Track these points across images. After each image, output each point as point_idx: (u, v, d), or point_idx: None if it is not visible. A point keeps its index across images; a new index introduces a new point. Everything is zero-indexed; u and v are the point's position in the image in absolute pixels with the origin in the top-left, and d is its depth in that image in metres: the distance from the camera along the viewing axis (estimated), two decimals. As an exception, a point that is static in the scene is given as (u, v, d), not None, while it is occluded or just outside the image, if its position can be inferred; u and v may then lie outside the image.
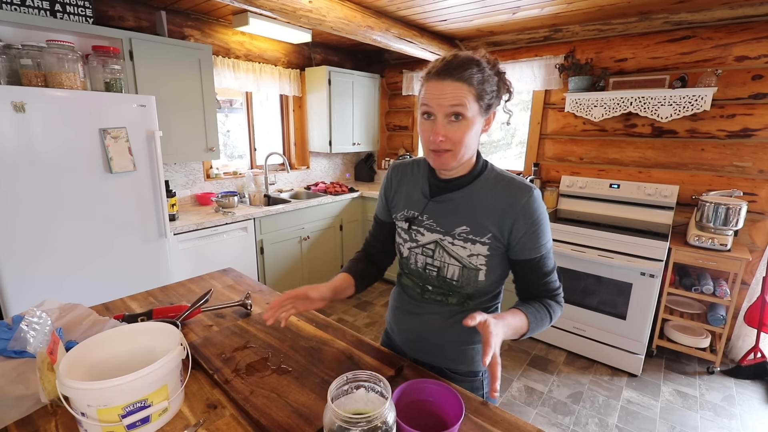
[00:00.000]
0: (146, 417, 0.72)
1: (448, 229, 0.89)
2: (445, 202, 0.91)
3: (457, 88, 0.78)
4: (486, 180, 0.89)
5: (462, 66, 0.79)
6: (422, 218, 0.93)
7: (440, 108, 0.79)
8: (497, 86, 0.84)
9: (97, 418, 0.68)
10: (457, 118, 0.80)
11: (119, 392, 0.68)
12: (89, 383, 0.67)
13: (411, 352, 1.03)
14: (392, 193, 1.02)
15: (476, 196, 0.88)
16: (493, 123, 0.90)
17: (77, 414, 0.69)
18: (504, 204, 0.85)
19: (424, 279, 0.95)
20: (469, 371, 0.97)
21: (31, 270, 1.75)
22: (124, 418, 0.69)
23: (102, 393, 0.67)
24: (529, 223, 0.84)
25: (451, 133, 0.81)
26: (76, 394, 0.67)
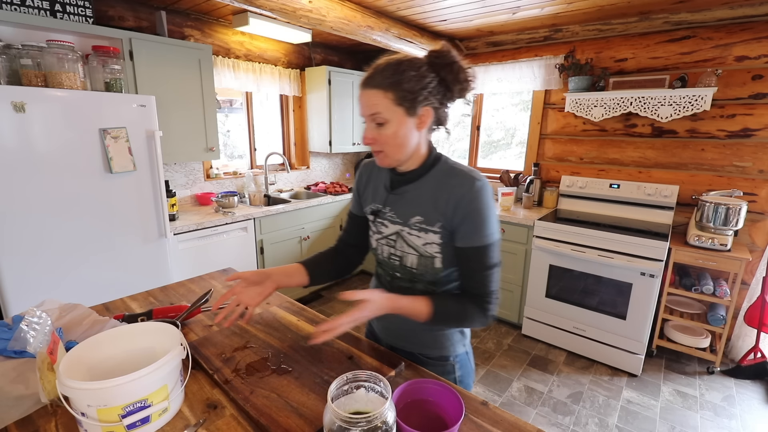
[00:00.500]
0: (146, 417, 0.72)
1: (405, 219, 0.94)
2: (402, 194, 0.95)
3: (373, 96, 0.84)
4: (437, 172, 0.92)
5: (379, 74, 0.84)
6: (385, 210, 0.98)
7: (364, 115, 0.87)
8: (432, 85, 0.85)
9: (97, 418, 0.68)
10: (379, 124, 0.85)
11: (119, 392, 0.68)
12: (89, 383, 0.67)
13: (386, 338, 1.07)
14: (363, 188, 1.07)
15: (427, 188, 0.92)
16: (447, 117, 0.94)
17: (77, 414, 0.69)
18: (449, 193, 0.88)
19: (391, 268, 1.00)
20: (440, 356, 1.01)
21: (31, 270, 1.75)
22: (124, 418, 0.69)
23: (102, 393, 0.67)
24: (467, 211, 0.86)
25: (378, 136, 0.87)
26: (76, 394, 0.67)
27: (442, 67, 0.86)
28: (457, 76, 0.87)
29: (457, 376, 1.03)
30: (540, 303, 2.68)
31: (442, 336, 1.00)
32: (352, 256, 1.15)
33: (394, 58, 0.86)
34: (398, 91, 0.83)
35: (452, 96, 0.90)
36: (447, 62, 0.86)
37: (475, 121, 3.59)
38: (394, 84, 0.83)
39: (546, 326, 2.69)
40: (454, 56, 0.87)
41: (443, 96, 0.88)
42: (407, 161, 0.92)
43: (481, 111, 3.55)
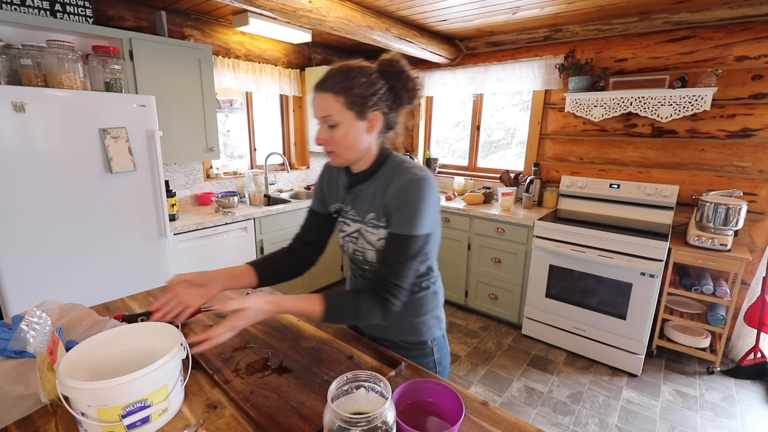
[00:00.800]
0: (146, 417, 0.71)
1: (363, 217, 0.99)
2: (358, 194, 1.00)
3: (325, 99, 0.89)
4: (385, 170, 0.96)
5: (331, 78, 0.88)
6: (347, 209, 1.03)
7: (317, 117, 0.92)
8: (382, 91, 0.90)
9: (97, 418, 0.68)
10: (331, 126, 0.90)
11: (119, 392, 0.68)
12: (89, 383, 0.67)
13: (368, 330, 1.12)
14: (325, 187, 1.11)
15: (377, 185, 0.96)
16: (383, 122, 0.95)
17: (77, 414, 0.69)
18: (389, 187, 0.92)
19: (359, 263, 1.05)
20: (418, 341, 1.06)
21: (31, 270, 1.75)
22: (124, 418, 0.69)
23: (102, 393, 0.67)
24: (400, 201, 0.89)
25: (330, 138, 0.91)
26: (76, 394, 0.67)
27: (392, 75, 0.90)
28: (405, 85, 0.91)
29: (436, 358, 1.09)
30: (540, 303, 2.68)
31: (419, 323, 1.05)
32: (305, 255, 1.15)
33: (346, 64, 0.90)
34: (349, 95, 0.87)
35: (401, 102, 0.94)
36: (396, 71, 0.90)
37: (475, 121, 3.59)
38: (345, 89, 0.87)
39: (546, 326, 2.69)
40: (404, 65, 0.91)
41: (392, 102, 0.93)
42: (359, 162, 0.97)
43: (481, 111, 3.55)
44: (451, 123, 3.86)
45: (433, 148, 4.00)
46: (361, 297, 0.89)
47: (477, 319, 3.08)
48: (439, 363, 1.09)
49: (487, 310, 3.04)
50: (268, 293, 0.86)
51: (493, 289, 2.96)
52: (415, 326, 1.05)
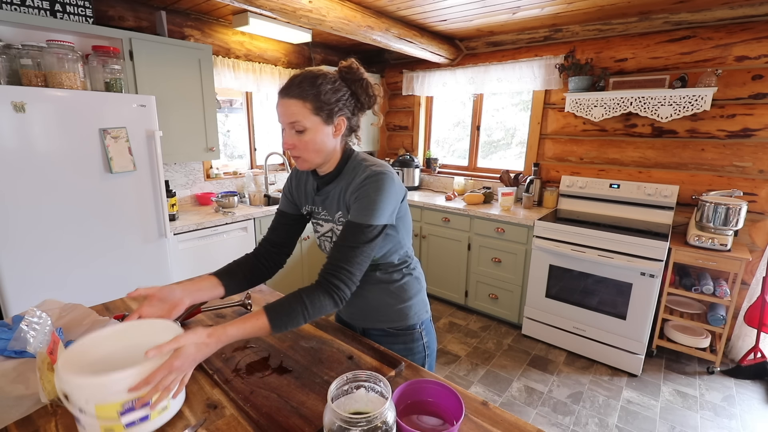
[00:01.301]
0: (146, 415, 0.70)
1: (333, 217, 1.03)
2: (326, 195, 1.04)
3: (292, 105, 0.90)
4: (348, 169, 1.00)
5: (298, 85, 0.90)
6: (319, 210, 1.07)
7: (284, 123, 0.93)
8: (345, 96, 0.94)
9: (95, 414, 0.66)
10: (299, 131, 0.92)
11: (118, 388, 0.66)
12: (86, 378, 0.65)
13: (359, 323, 1.15)
14: (294, 190, 1.14)
15: (342, 185, 0.99)
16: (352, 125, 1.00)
17: (75, 411, 0.67)
18: (352, 183, 0.96)
19: None
20: (407, 326, 1.11)
21: (31, 270, 1.75)
22: (123, 415, 0.67)
23: (100, 388, 0.65)
24: (359, 193, 0.92)
25: (297, 143, 0.93)
26: (74, 389, 0.66)
27: (353, 82, 0.95)
28: (366, 91, 0.96)
29: (425, 342, 1.14)
30: (540, 303, 2.68)
31: (407, 308, 1.10)
32: (273, 257, 1.13)
33: (311, 71, 0.93)
34: (316, 101, 0.90)
35: (362, 107, 0.99)
36: (356, 78, 0.95)
37: (475, 121, 3.60)
38: (314, 95, 0.90)
39: (546, 326, 2.69)
40: (362, 73, 0.96)
41: (354, 107, 0.98)
42: (325, 165, 1.00)
43: (481, 111, 3.55)
44: (451, 123, 3.86)
45: (433, 148, 4.00)
46: (305, 293, 0.86)
47: (477, 319, 3.08)
48: (427, 347, 1.14)
49: (487, 310, 3.04)
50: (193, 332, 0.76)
51: (493, 289, 2.96)
52: (403, 312, 1.10)
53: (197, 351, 0.73)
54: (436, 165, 3.86)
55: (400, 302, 1.09)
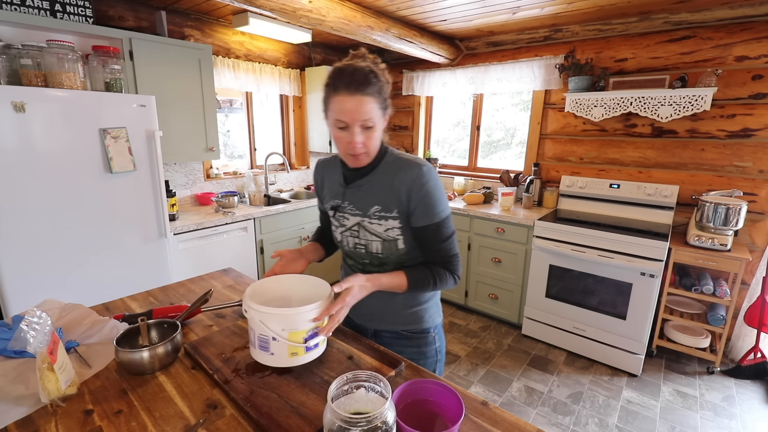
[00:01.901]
0: (317, 343, 0.88)
1: (365, 210, 1.02)
2: (358, 188, 1.03)
3: (366, 102, 0.89)
4: (386, 164, 1.01)
5: (366, 81, 0.90)
6: (344, 204, 1.06)
7: (355, 121, 0.90)
8: (387, 87, 0.96)
9: (287, 339, 0.83)
10: (368, 127, 0.92)
11: (306, 318, 0.83)
12: (285, 309, 0.82)
13: (370, 324, 1.14)
14: (320, 187, 1.16)
15: (379, 179, 1.00)
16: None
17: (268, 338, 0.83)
18: (399, 181, 0.97)
19: (359, 257, 1.08)
20: (422, 329, 1.11)
21: (31, 270, 1.75)
22: (307, 341, 0.85)
23: (295, 318, 0.82)
24: (420, 195, 0.96)
25: (366, 140, 0.93)
26: (272, 319, 0.82)
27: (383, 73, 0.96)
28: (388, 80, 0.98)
29: (437, 347, 1.14)
30: (540, 303, 2.68)
31: (422, 311, 1.10)
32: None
33: (367, 66, 0.93)
34: (380, 97, 0.93)
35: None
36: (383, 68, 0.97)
37: (475, 121, 3.59)
38: (379, 90, 0.92)
39: (546, 326, 2.69)
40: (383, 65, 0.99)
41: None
42: None
43: (481, 111, 3.55)
44: (451, 123, 3.86)
45: (433, 148, 4.00)
46: (433, 268, 1.00)
47: (477, 319, 3.08)
48: (438, 351, 1.14)
49: (487, 310, 3.04)
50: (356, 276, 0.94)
51: (493, 289, 2.96)
52: (418, 314, 1.10)
53: (360, 291, 0.91)
54: (436, 165, 3.86)
55: (416, 304, 1.09)
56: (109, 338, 1.02)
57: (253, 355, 0.89)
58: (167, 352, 0.91)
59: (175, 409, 0.79)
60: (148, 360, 0.88)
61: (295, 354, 0.86)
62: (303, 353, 0.86)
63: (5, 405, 0.78)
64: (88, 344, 1.01)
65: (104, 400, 0.81)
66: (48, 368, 0.77)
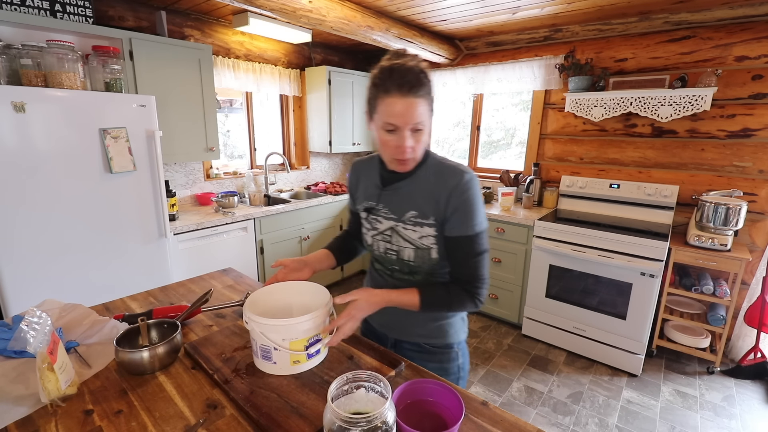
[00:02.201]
0: (318, 349, 0.90)
1: (400, 215, 0.98)
2: (395, 191, 0.99)
3: (419, 104, 0.85)
4: (428, 168, 0.96)
5: (418, 82, 0.85)
6: (378, 207, 1.02)
7: (406, 124, 0.85)
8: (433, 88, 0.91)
9: (288, 348, 0.84)
10: (417, 130, 0.88)
11: (305, 328, 0.85)
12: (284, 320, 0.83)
13: (390, 333, 1.10)
14: (354, 187, 1.13)
15: (419, 183, 0.96)
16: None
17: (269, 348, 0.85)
18: (440, 187, 0.93)
19: (389, 262, 1.04)
20: (445, 344, 1.06)
21: (30, 270, 1.75)
22: (308, 348, 0.87)
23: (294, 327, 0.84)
24: (458, 203, 0.91)
25: (414, 144, 0.89)
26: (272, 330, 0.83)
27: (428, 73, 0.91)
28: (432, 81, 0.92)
29: (460, 363, 1.08)
30: (540, 303, 2.68)
31: (446, 325, 1.05)
32: (358, 244, 1.23)
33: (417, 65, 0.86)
34: (430, 98, 0.88)
35: None
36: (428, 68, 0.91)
37: (475, 121, 3.59)
38: (428, 91, 0.87)
39: (546, 326, 2.69)
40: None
41: None
42: None
43: (481, 111, 3.55)
44: (451, 123, 3.86)
45: (433, 148, 3.98)
46: (451, 288, 0.95)
47: (477, 319, 3.08)
48: (461, 368, 1.08)
49: (487, 310, 3.04)
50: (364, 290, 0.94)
51: (493, 289, 2.96)
52: (443, 328, 1.05)
53: (367, 306, 0.90)
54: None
55: (442, 318, 1.04)
56: (109, 338, 1.02)
57: (257, 364, 0.90)
58: (167, 352, 0.91)
59: (175, 409, 0.79)
60: (148, 360, 0.88)
61: (298, 362, 0.87)
62: (305, 360, 0.88)
63: (5, 405, 0.78)
64: (88, 344, 1.01)
65: (104, 400, 0.81)
66: (48, 368, 0.77)
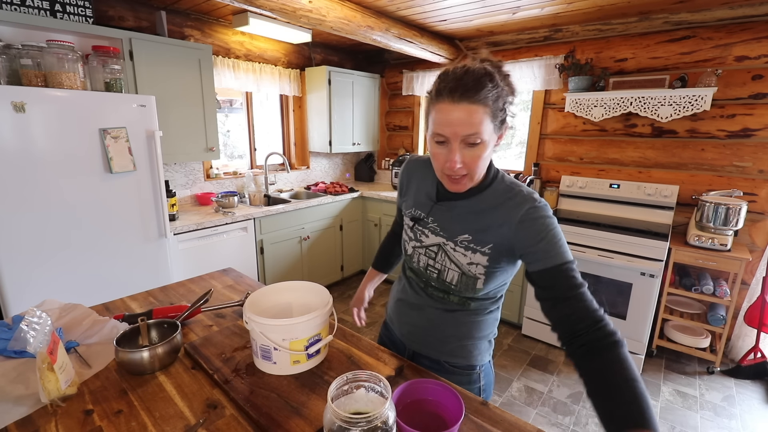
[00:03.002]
0: (318, 349, 0.90)
1: (451, 235, 0.89)
2: (451, 209, 0.90)
3: (473, 111, 0.73)
4: (494, 191, 0.86)
5: (477, 85, 0.73)
6: (427, 220, 0.93)
7: (456, 136, 0.75)
8: (508, 96, 0.78)
9: (288, 348, 0.84)
10: (473, 144, 0.76)
11: (306, 327, 0.85)
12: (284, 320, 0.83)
13: (411, 344, 1.04)
14: (405, 187, 1.05)
15: (481, 206, 0.86)
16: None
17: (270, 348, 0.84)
18: (507, 215, 0.82)
19: (426, 277, 0.96)
20: (467, 365, 0.98)
21: (30, 270, 1.75)
22: (308, 348, 0.86)
23: (294, 327, 0.84)
24: (534, 232, 0.78)
25: (468, 159, 0.77)
26: (272, 330, 0.83)
27: (503, 78, 0.78)
28: (512, 87, 0.80)
29: (482, 385, 1.01)
30: (540, 303, 2.68)
31: (471, 345, 0.96)
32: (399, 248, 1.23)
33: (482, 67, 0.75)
34: (494, 106, 0.75)
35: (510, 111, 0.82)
36: (505, 73, 0.79)
37: (475, 121, 3.59)
38: (494, 98, 0.74)
39: (546, 326, 2.68)
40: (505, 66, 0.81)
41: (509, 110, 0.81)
42: None
43: (481, 111, 3.54)
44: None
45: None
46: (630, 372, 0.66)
47: (477, 319, 3.08)
48: (483, 390, 1.01)
49: (487, 310, 3.03)
50: None
51: (493, 289, 2.96)
52: (467, 348, 0.97)
53: None
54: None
55: (468, 338, 0.96)
56: (109, 338, 1.02)
57: (257, 364, 0.90)
58: (167, 352, 0.91)
59: (175, 409, 0.79)
60: (148, 360, 0.88)
61: (298, 362, 0.87)
62: (305, 360, 0.88)
63: (5, 405, 0.78)
64: (88, 344, 1.01)
65: (104, 400, 0.81)
66: (48, 368, 0.77)
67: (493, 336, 1.01)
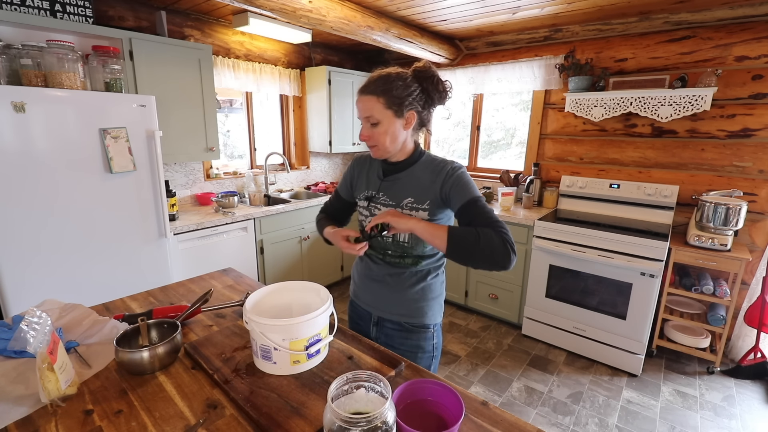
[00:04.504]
0: (318, 349, 0.91)
1: (398, 201, 1.12)
2: (394, 181, 1.14)
3: (368, 101, 1.05)
4: (423, 162, 1.13)
5: (373, 83, 1.05)
6: (378, 195, 1.16)
7: (361, 117, 1.08)
8: (416, 93, 1.05)
9: (289, 348, 0.85)
10: (373, 124, 1.06)
11: (306, 327, 0.86)
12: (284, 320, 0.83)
13: (375, 311, 1.22)
14: (356, 178, 1.25)
15: (415, 175, 1.12)
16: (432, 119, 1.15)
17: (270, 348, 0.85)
18: (434, 176, 1.09)
19: (383, 246, 1.16)
20: (422, 324, 1.18)
21: (30, 270, 1.75)
22: (308, 348, 0.88)
23: (295, 328, 0.84)
24: (452, 181, 1.05)
25: (372, 134, 1.07)
26: (272, 330, 0.84)
27: (424, 79, 1.06)
28: (436, 87, 1.07)
29: (435, 343, 1.21)
30: (540, 303, 2.68)
31: (427, 306, 1.18)
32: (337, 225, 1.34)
33: (386, 71, 1.06)
34: (388, 97, 1.03)
35: (433, 102, 1.10)
36: (428, 76, 1.06)
37: (475, 121, 3.59)
38: (385, 91, 1.03)
39: (546, 326, 2.69)
40: (434, 71, 1.08)
41: (425, 102, 1.09)
42: (397, 154, 1.13)
43: (481, 111, 3.55)
44: (451, 123, 3.86)
45: (433, 148, 4.00)
46: (481, 229, 0.97)
47: (477, 319, 3.08)
48: (436, 348, 1.22)
49: (487, 310, 3.04)
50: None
51: (493, 289, 2.96)
52: (422, 309, 1.17)
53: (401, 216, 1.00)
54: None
55: (423, 300, 1.17)
56: (109, 338, 1.02)
57: (257, 364, 0.90)
58: (167, 352, 0.91)
59: (175, 409, 0.79)
60: (148, 360, 0.88)
61: (298, 362, 0.88)
62: (305, 360, 0.89)
63: (5, 405, 0.78)
64: (88, 344, 1.01)
65: (104, 400, 0.82)
66: (48, 368, 0.77)
67: (442, 299, 1.23)
